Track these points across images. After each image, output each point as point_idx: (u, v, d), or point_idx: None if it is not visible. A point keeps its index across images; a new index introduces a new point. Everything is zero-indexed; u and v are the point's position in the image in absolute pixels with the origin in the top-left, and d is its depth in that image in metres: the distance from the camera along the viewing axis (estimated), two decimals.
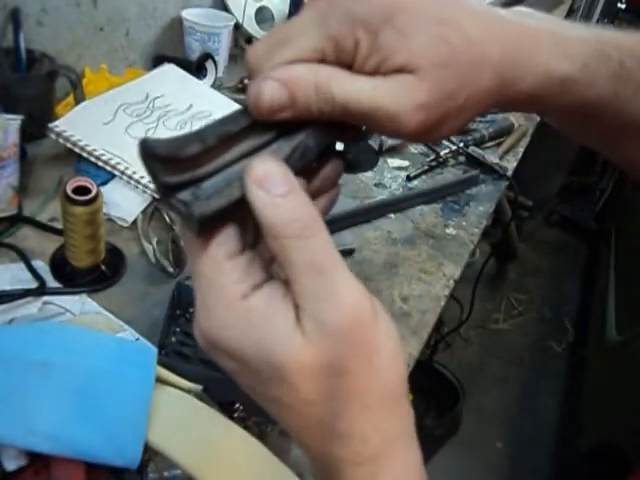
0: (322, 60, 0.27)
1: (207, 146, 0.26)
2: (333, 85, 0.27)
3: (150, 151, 0.24)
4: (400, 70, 0.27)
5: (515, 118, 1.25)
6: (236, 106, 1.05)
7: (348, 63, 0.28)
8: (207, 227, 0.26)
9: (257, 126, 0.27)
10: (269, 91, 0.26)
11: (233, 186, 0.26)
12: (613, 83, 0.31)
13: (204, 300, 0.26)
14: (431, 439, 1.59)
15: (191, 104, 1.00)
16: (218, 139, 0.26)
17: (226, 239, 0.26)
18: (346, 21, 0.27)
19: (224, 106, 1.04)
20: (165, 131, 0.92)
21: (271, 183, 0.25)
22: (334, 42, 0.27)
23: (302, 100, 0.27)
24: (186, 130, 0.94)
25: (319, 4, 0.27)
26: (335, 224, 0.85)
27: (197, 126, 0.26)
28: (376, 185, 1.00)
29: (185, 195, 0.25)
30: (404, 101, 0.27)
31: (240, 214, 0.26)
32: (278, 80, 0.26)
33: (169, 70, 1.05)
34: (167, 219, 0.80)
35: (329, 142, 0.30)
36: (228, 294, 0.26)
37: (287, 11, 1.31)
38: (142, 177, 0.82)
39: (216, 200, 0.25)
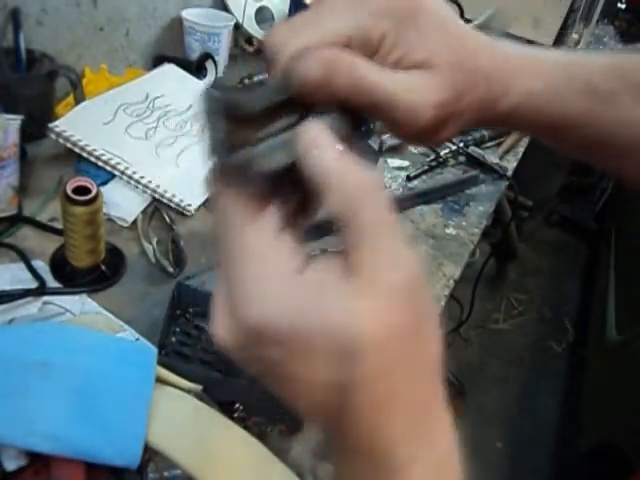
0: (346, 47, 0.28)
1: (257, 113, 0.25)
2: (366, 73, 0.28)
3: (220, 107, 0.24)
4: (419, 66, 0.29)
5: None
6: None
7: (370, 54, 0.29)
8: (260, 191, 0.25)
9: (288, 104, 0.27)
10: (311, 68, 0.26)
11: (280, 153, 0.25)
12: (583, 100, 0.34)
13: (252, 279, 0.23)
14: None
15: (191, 104, 1.00)
16: (263, 109, 0.26)
17: (275, 210, 0.25)
18: (377, 14, 0.29)
19: None
20: (165, 131, 0.92)
21: (327, 144, 0.24)
22: (362, 32, 0.28)
23: (337, 82, 0.27)
24: (186, 130, 0.94)
25: None
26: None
27: (197, 125, 0.27)
28: None
29: (243, 154, 0.25)
30: (424, 95, 0.29)
31: (280, 187, 0.26)
32: (318, 59, 0.27)
33: (169, 70, 1.05)
34: (167, 219, 0.80)
35: (347, 131, 0.29)
36: (284, 268, 0.23)
37: (287, 11, 1.31)
38: (142, 177, 0.82)
39: (270, 161, 0.25)
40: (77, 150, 0.81)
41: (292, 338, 0.23)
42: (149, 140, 0.89)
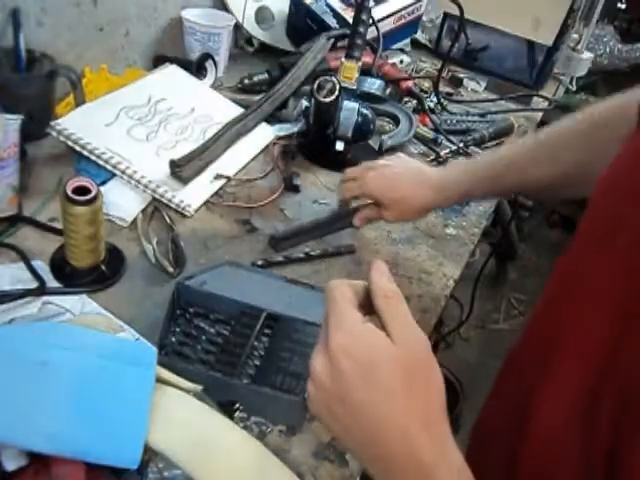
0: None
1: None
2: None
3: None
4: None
5: (515, 118, 1.25)
6: (236, 107, 1.05)
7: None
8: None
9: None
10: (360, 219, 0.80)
11: None
12: (490, 184, 0.74)
13: (342, 322, 0.37)
14: None
15: (193, 107, 1.00)
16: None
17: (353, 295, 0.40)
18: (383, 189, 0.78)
19: (225, 109, 1.04)
20: (166, 135, 0.92)
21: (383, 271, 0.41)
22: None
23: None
24: (187, 135, 0.94)
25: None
26: (336, 223, 0.85)
27: (197, 130, 0.27)
28: None
29: None
30: (404, 208, 0.78)
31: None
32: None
33: (171, 72, 1.05)
34: (167, 219, 0.80)
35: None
36: (357, 322, 0.38)
37: (287, 11, 1.31)
38: (142, 177, 0.82)
39: None
40: (78, 148, 0.81)
41: (361, 359, 0.36)
42: (150, 142, 0.89)
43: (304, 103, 1.00)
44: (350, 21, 1.10)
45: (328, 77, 0.88)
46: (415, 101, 1.23)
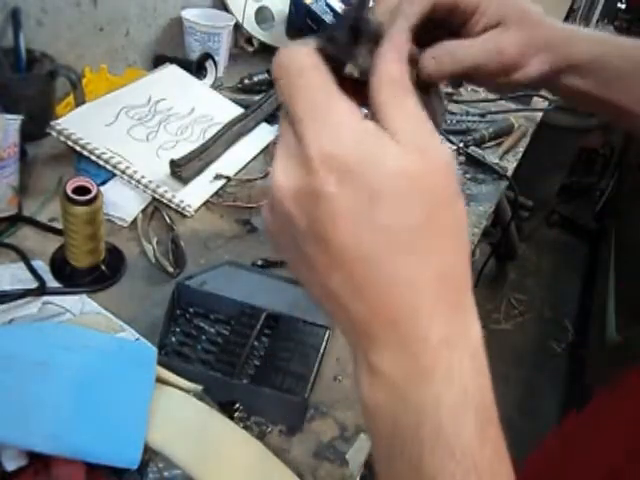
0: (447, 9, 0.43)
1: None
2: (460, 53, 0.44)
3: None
4: (495, 27, 0.44)
5: (515, 118, 1.25)
6: (236, 107, 1.05)
7: (462, 20, 0.44)
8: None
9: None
10: (428, 65, 0.41)
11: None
12: (625, 62, 0.48)
13: (334, 119, 0.26)
14: None
15: (193, 107, 1.00)
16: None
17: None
18: None
19: (225, 109, 1.04)
20: (166, 135, 0.92)
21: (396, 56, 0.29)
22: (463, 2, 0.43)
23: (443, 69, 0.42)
24: (187, 135, 0.94)
25: None
26: None
27: (197, 131, 0.28)
28: None
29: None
30: (502, 39, 0.44)
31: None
32: (432, 58, 0.41)
33: (171, 71, 1.05)
34: (167, 219, 0.80)
35: None
36: (355, 115, 0.26)
37: (287, 11, 1.31)
38: (142, 177, 0.82)
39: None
40: (78, 148, 0.81)
41: (354, 171, 0.24)
42: (150, 142, 0.89)
43: None
44: None
45: None
46: None
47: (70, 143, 0.81)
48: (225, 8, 1.26)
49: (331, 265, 0.26)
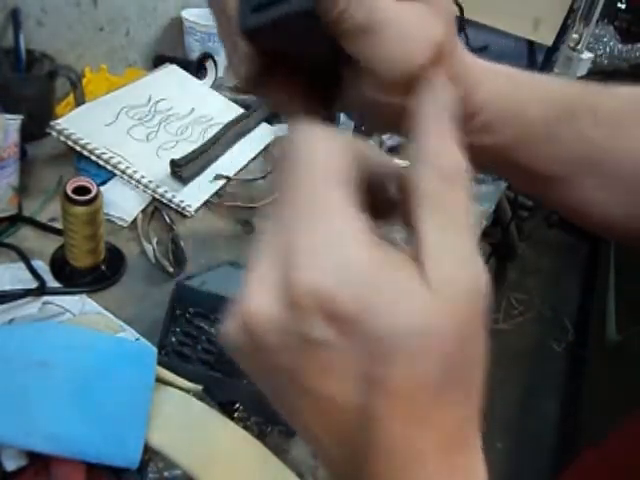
0: None
1: None
2: None
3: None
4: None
5: None
6: (236, 107, 1.05)
7: None
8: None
9: None
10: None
11: None
12: (544, 110, 0.34)
13: (321, 236, 0.19)
14: None
15: (193, 108, 1.00)
16: None
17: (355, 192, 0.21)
18: None
19: (225, 109, 1.04)
20: (166, 135, 0.92)
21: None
22: None
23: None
24: (187, 135, 0.94)
25: None
26: None
27: (197, 131, 0.27)
28: None
29: None
30: (423, 26, 0.26)
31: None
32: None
33: (171, 71, 1.05)
34: (167, 219, 0.80)
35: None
36: (358, 237, 0.19)
37: None
38: (142, 177, 0.82)
39: None
40: (78, 148, 0.81)
41: (349, 316, 0.18)
42: (150, 142, 0.89)
43: None
44: None
45: None
46: None
47: (70, 143, 0.81)
48: None
49: (319, 423, 0.21)
